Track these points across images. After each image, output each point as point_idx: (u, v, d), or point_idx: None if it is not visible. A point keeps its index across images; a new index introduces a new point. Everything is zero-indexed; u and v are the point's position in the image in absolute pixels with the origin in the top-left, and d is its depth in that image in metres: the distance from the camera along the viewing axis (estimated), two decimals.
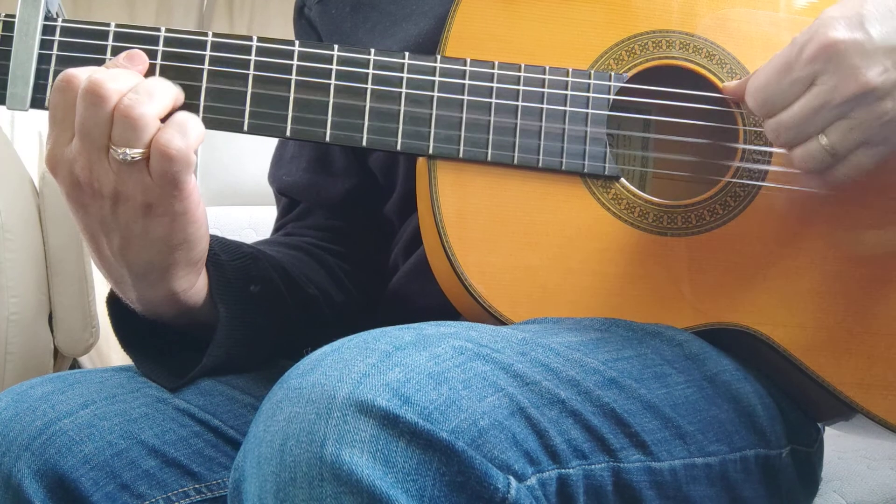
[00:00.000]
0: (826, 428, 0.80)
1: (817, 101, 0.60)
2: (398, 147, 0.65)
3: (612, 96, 0.67)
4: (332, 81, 0.65)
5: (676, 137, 0.70)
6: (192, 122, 0.61)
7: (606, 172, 0.67)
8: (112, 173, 0.60)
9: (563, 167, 0.66)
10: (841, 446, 1.06)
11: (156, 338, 0.71)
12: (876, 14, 0.60)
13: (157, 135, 0.59)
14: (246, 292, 0.71)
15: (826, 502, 0.91)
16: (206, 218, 0.65)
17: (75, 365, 1.60)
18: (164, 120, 0.61)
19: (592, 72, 0.67)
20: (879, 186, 0.68)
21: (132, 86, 0.60)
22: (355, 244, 0.86)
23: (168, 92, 0.61)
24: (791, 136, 0.62)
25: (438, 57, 0.66)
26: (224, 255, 0.71)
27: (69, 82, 0.60)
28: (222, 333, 0.68)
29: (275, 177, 0.90)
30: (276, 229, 0.90)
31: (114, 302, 0.70)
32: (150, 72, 0.63)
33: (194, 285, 0.67)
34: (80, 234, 0.65)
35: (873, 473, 0.98)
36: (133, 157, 0.59)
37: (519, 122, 0.66)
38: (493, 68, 0.66)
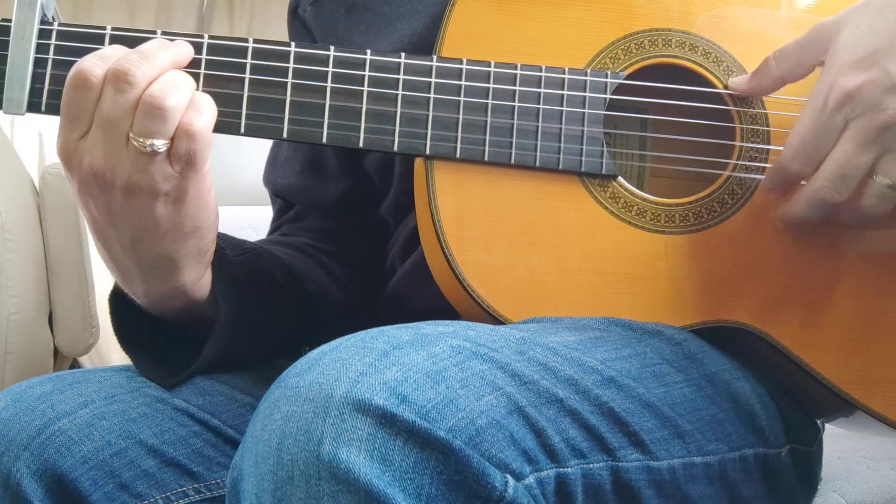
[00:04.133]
0: (826, 428, 0.80)
1: (852, 142, 0.61)
2: (395, 148, 0.65)
3: (608, 95, 0.67)
4: (329, 83, 0.65)
5: (673, 136, 0.70)
6: (204, 101, 0.62)
7: (603, 171, 0.67)
8: (129, 163, 0.60)
9: (560, 166, 0.66)
10: (841, 446, 1.06)
11: (156, 337, 0.71)
12: (890, 46, 0.60)
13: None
14: (248, 288, 0.71)
15: (826, 502, 0.91)
16: (216, 207, 0.65)
17: (75, 365, 1.60)
18: None
19: (588, 71, 0.67)
20: None
21: (158, 71, 0.60)
22: (350, 246, 0.86)
23: (190, 82, 0.62)
24: (847, 183, 0.62)
25: (434, 57, 0.66)
26: (229, 251, 0.71)
27: (85, 78, 0.60)
28: (222, 328, 0.69)
29: (269, 179, 0.90)
30: (272, 230, 0.91)
31: (116, 299, 0.70)
32: None
33: (202, 277, 0.67)
34: (80, 233, 0.65)
35: (873, 473, 0.98)
36: (159, 149, 0.59)
37: (515, 121, 0.66)
38: (489, 68, 0.66)
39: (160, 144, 0.59)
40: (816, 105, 0.62)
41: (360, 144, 0.65)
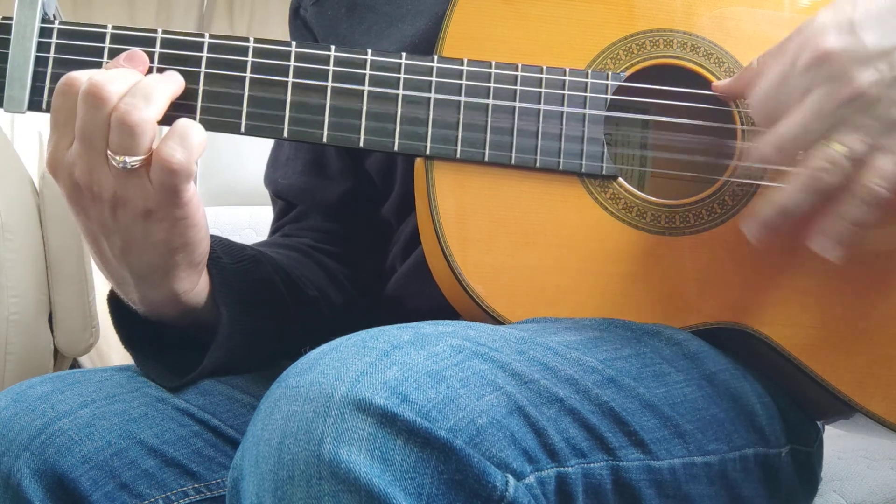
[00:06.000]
0: (826, 428, 0.80)
1: (812, 108, 0.59)
2: (395, 148, 0.65)
3: (609, 96, 0.67)
4: (329, 83, 0.65)
5: (674, 136, 0.70)
6: (193, 131, 0.60)
7: (604, 172, 0.67)
8: (112, 178, 0.60)
9: (561, 167, 0.66)
10: (841, 446, 1.06)
11: (157, 336, 0.71)
12: (867, 18, 0.59)
13: (159, 147, 0.59)
14: (247, 295, 0.71)
15: (826, 502, 0.91)
16: (206, 221, 0.65)
17: (75, 365, 1.60)
18: (166, 122, 0.61)
19: (590, 71, 0.67)
20: None
21: (131, 87, 0.60)
22: (352, 246, 0.86)
23: (166, 90, 0.61)
24: (796, 144, 0.60)
25: (435, 57, 0.66)
26: (226, 258, 0.71)
27: (71, 85, 0.60)
28: (223, 335, 0.69)
29: (270, 179, 0.90)
30: (273, 231, 0.91)
31: (115, 300, 0.70)
32: (147, 73, 0.63)
33: (195, 286, 0.67)
34: (80, 234, 0.65)
35: (873, 473, 0.98)
36: (133, 165, 0.59)
37: (516, 122, 0.66)
38: (490, 68, 0.66)
39: (132, 161, 0.59)
40: (786, 58, 0.61)
41: (361, 144, 0.65)
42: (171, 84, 0.62)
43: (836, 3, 0.61)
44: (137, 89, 0.60)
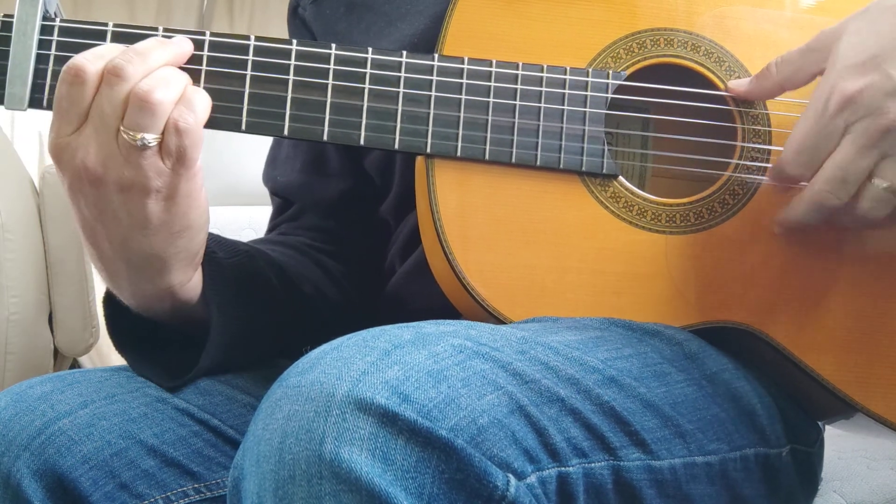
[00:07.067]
0: (826, 428, 0.80)
1: (853, 146, 0.61)
2: (396, 146, 0.65)
3: (610, 94, 0.67)
4: (330, 81, 0.65)
5: (675, 135, 0.70)
6: (197, 97, 0.62)
7: (604, 171, 0.67)
8: (121, 158, 0.60)
9: (561, 165, 0.66)
10: (841, 446, 1.06)
11: (150, 339, 0.71)
12: (891, 50, 0.60)
13: (171, 113, 0.60)
14: (241, 291, 0.71)
15: (826, 502, 0.91)
16: (207, 207, 0.65)
17: (75, 365, 1.60)
18: None
19: (590, 70, 0.67)
20: None
21: (151, 68, 0.60)
22: (349, 245, 0.86)
23: (182, 78, 0.62)
24: (847, 188, 0.62)
25: (436, 56, 0.66)
26: (221, 253, 0.71)
27: (76, 74, 0.60)
28: (217, 333, 0.68)
29: (269, 177, 0.90)
30: (270, 229, 0.91)
31: (109, 302, 0.70)
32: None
33: (191, 279, 0.67)
34: (78, 228, 0.65)
35: (873, 473, 0.98)
36: (149, 143, 0.60)
37: (517, 120, 0.66)
38: (490, 67, 0.66)
39: (150, 139, 0.60)
40: (817, 108, 0.62)
41: (361, 142, 0.65)
42: (185, 76, 0.63)
43: (855, 31, 0.61)
44: (157, 74, 0.60)
